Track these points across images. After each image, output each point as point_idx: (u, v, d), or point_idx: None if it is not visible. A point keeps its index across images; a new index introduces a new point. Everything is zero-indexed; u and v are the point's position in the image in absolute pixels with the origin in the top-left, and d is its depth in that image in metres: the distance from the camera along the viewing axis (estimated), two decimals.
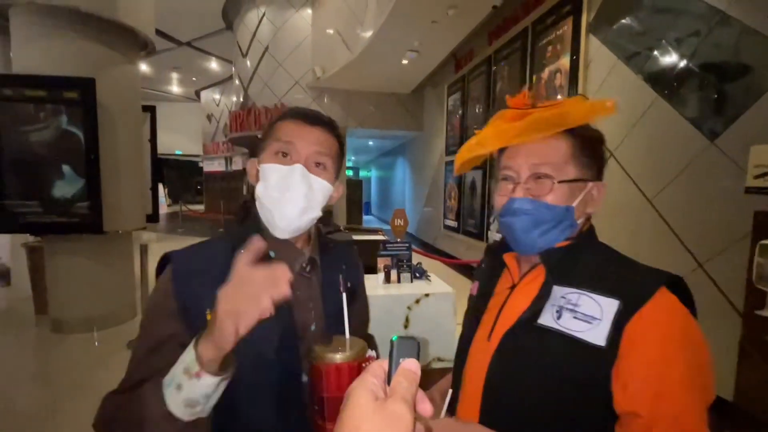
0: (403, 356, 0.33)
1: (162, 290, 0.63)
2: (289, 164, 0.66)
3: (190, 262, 0.65)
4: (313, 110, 0.73)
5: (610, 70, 3.10)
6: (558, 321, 0.59)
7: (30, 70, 3.15)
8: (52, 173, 3.15)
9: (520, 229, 0.64)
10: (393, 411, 0.29)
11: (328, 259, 0.77)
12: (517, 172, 0.66)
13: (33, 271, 3.86)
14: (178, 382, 0.51)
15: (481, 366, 0.65)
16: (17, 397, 2.58)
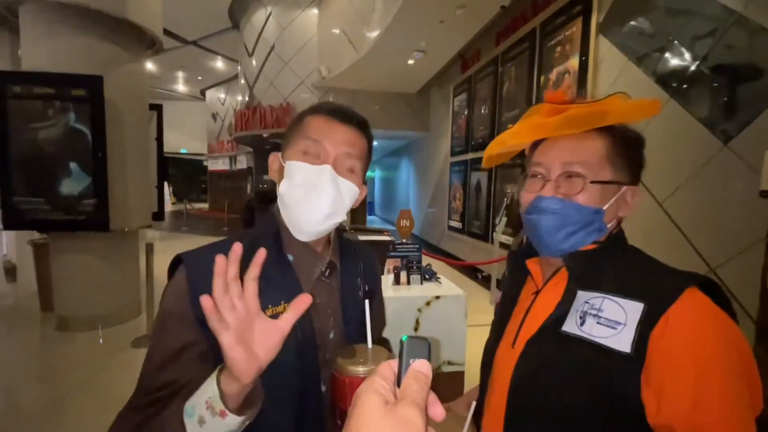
0: (414, 357, 0.31)
1: (177, 295, 0.59)
2: (318, 164, 0.63)
3: (205, 265, 0.59)
4: (345, 106, 0.68)
5: (620, 71, 3.06)
6: (581, 327, 0.56)
7: (39, 67, 3.16)
8: (60, 170, 3.16)
9: (545, 229, 0.61)
10: (403, 416, 0.27)
11: (347, 262, 0.74)
12: (548, 169, 0.63)
13: (39, 268, 3.87)
14: (200, 415, 0.48)
15: (506, 374, 0.63)
16: (22, 394, 2.59)
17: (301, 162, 0.63)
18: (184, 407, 0.49)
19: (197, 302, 0.56)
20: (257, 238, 0.64)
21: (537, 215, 0.62)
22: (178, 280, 0.60)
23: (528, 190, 0.66)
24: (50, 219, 3.19)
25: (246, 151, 13.15)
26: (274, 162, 0.69)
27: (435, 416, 0.30)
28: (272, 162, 0.69)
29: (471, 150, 5.97)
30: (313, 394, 0.64)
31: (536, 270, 0.68)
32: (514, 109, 4.69)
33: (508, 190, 4.77)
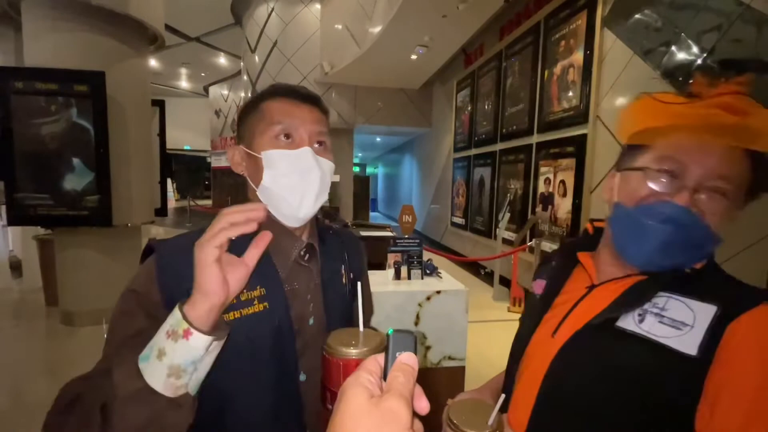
0: (400, 350, 0.31)
1: (145, 279, 0.57)
2: (293, 148, 0.62)
3: (173, 252, 0.59)
4: (300, 86, 0.67)
5: (625, 65, 3.03)
6: (640, 324, 0.52)
7: (41, 63, 3.16)
8: (63, 166, 3.17)
9: (658, 240, 0.52)
10: (389, 408, 0.27)
11: (328, 247, 0.73)
12: (687, 171, 0.52)
13: (43, 264, 3.90)
14: (161, 347, 0.44)
15: (541, 364, 0.60)
16: (27, 389, 2.61)
17: (279, 150, 0.61)
18: (138, 357, 0.46)
19: (165, 288, 0.56)
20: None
21: (659, 224, 0.52)
22: (148, 265, 0.59)
23: (648, 186, 0.54)
24: (54, 214, 3.21)
25: None
26: (235, 155, 0.67)
27: (420, 410, 0.30)
28: (232, 156, 0.67)
29: (474, 146, 5.94)
30: (291, 381, 0.62)
31: (590, 264, 0.64)
32: (517, 104, 4.65)
33: (512, 186, 4.75)
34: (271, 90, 0.66)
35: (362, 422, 0.27)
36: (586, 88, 3.37)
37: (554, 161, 3.85)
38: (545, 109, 4.04)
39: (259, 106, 0.65)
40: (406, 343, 0.31)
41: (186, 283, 0.52)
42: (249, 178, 0.66)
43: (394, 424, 0.27)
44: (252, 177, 0.65)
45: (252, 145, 0.64)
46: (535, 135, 4.23)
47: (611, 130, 3.18)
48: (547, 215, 3.96)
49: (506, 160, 4.93)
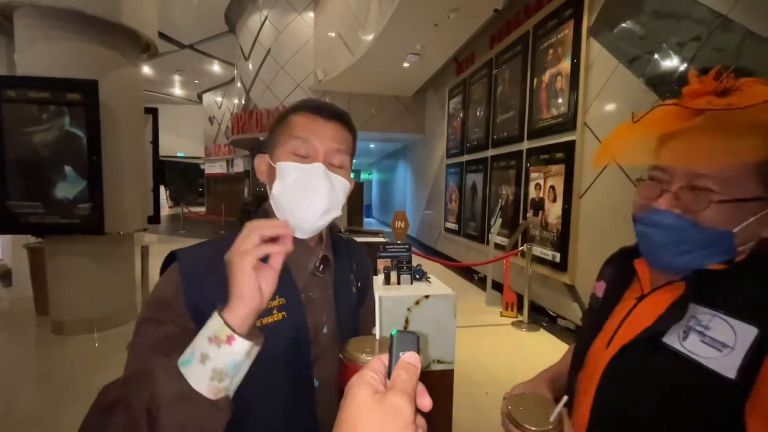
0: (403, 350, 0.33)
1: (170, 287, 0.59)
2: (308, 162, 0.63)
3: (197, 261, 0.62)
4: (327, 103, 0.69)
5: (611, 73, 3.10)
6: (683, 343, 0.52)
7: (34, 71, 3.16)
8: (55, 174, 3.16)
9: (655, 244, 0.56)
10: (392, 404, 0.29)
11: (340, 258, 0.75)
12: (671, 175, 0.55)
13: (34, 272, 3.86)
14: (203, 352, 0.46)
15: (596, 374, 0.60)
16: (18, 398, 2.58)
17: (293, 162, 0.63)
18: (178, 361, 0.47)
19: (190, 295, 0.58)
20: None
21: (645, 227, 0.57)
22: (172, 274, 0.61)
23: (641, 196, 0.58)
24: (45, 223, 3.19)
25: (243, 154, 13.16)
26: (261, 163, 0.69)
27: (423, 406, 0.31)
28: (259, 164, 0.69)
29: (466, 152, 6.01)
30: (306, 388, 0.65)
31: (644, 272, 0.63)
32: (508, 111, 4.73)
33: (503, 192, 4.81)
34: (299, 104, 0.68)
35: (367, 417, 0.28)
36: (574, 95, 3.44)
37: (544, 167, 3.91)
38: (535, 116, 4.11)
39: (287, 119, 0.67)
40: (409, 343, 0.33)
41: (211, 292, 0.55)
42: (268, 187, 0.67)
43: (398, 419, 0.28)
44: (270, 186, 0.67)
45: (273, 156, 0.66)
46: (526, 141, 4.30)
47: (598, 136, 3.24)
48: (537, 220, 4.01)
49: (498, 166, 4.99)
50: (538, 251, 3.93)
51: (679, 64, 2.58)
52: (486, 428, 2.21)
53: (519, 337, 3.57)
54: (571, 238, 3.48)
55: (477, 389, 2.61)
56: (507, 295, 4.08)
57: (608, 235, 3.08)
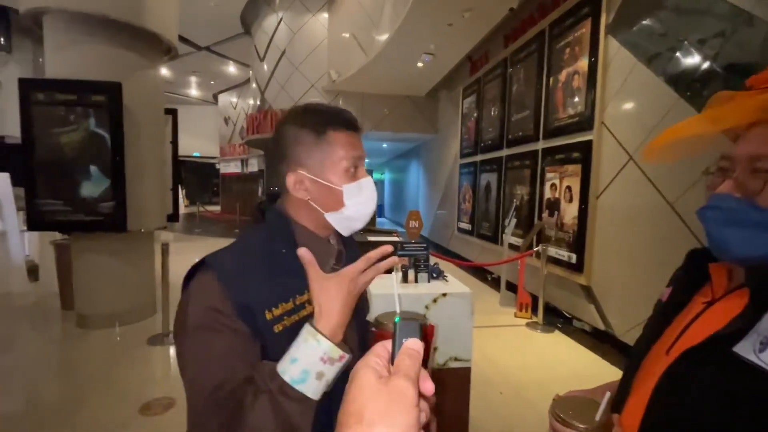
0: (406, 337, 0.34)
1: (212, 295, 0.59)
2: (359, 177, 0.71)
3: (231, 263, 0.63)
4: (349, 114, 0.73)
5: (629, 71, 3.06)
6: (759, 355, 0.48)
7: (61, 74, 3.28)
8: (80, 174, 3.28)
9: (710, 227, 0.54)
10: (396, 387, 0.30)
11: (349, 251, 0.80)
12: (735, 162, 0.54)
13: (60, 268, 4.00)
14: (318, 371, 0.54)
15: (651, 379, 0.58)
16: (44, 388, 2.68)
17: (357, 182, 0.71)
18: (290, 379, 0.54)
19: (233, 296, 0.59)
20: (272, 234, 0.69)
21: (706, 212, 0.55)
22: (208, 281, 0.61)
23: (708, 187, 0.58)
24: (71, 220, 3.31)
25: (257, 154, 13.34)
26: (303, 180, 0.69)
27: (426, 390, 0.32)
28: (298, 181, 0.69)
29: (480, 152, 5.98)
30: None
31: (719, 276, 0.59)
32: (523, 110, 4.69)
33: (518, 192, 4.77)
34: (334, 119, 0.69)
35: (372, 398, 0.30)
36: (592, 94, 3.40)
37: (560, 167, 3.87)
38: (551, 116, 4.07)
39: (326, 135, 0.68)
40: (412, 330, 0.34)
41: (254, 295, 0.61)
42: (313, 201, 0.69)
43: (403, 401, 0.29)
44: (318, 201, 0.69)
45: (322, 174, 0.68)
46: (541, 141, 4.27)
47: (616, 136, 3.20)
48: (553, 221, 3.97)
49: (512, 166, 4.96)
50: (554, 252, 3.89)
51: (701, 61, 2.53)
52: (500, 428, 2.21)
53: (533, 338, 3.55)
54: (587, 238, 3.44)
55: (491, 389, 2.60)
56: (521, 296, 4.05)
57: (626, 235, 3.04)
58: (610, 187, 3.26)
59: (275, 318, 0.62)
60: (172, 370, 2.96)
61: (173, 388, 2.55)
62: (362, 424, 0.28)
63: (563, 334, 3.60)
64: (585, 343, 3.36)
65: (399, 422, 0.28)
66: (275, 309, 0.62)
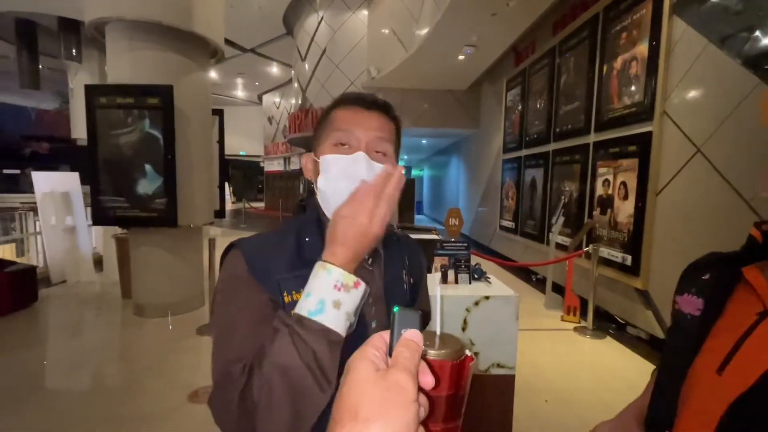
0: (405, 327, 0.32)
1: (239, 269, 0.61)
2: (350, 153, 0.63)
3: (257, 248, 0.64)
4: (367, 94, 0.69)
5: (698, 54, 2.76)
6: None
7: (121, 79, 3.52)
8: (137, 172, 3.51)
9: None
10: (395, 380, 0.28)
11: (391, 253, 0.73)
12: None
13: (120, 260, 4.33)
14: (335, 299, 0.50)
15: (713, 406, 0.52)
16: (106, 371, 2.91)
17: (335, 154, 0.64)
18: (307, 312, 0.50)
19: (256, 272, 0.60)
20: (301, 226, 0.67)
21: None
22: (234, 258, 0.63)
23: None
24: (129, 216, 3.55)
25: (299, 152, 13.70)
26: (307, 162, 0.70)
27: (425, 384, 0.30)
28: (305, 162, 0.70)
29: (525, 146, 5.72)
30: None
31: (760, 282, 0.54)
32: (572, 102, 4.41)
33: (566, 188, 4.50)
34: (340, 98, 0.69)
35: (369, 393, 0.28)
36: (652, 82, 3.11)
37: (614, 161, 3.59)
38: (604, 107, 3.79)
39: (329, 115, 0.68)
40: (411, 320, 0.32)
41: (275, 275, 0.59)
42: (314, 183, 0.68)
43: (401, 395, 0.27)
44: (315, 181, 0.68)
45: (317, 152, 0.68)
46: (593, 134, 3.98)
47: (681, 127, 2.90)
48: (605, 219, 3.70)
49: (560, 161, 4.68)
50: (606, 252, 3.63)
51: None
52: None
53: (582, 343, 3.33)
54: (645, 239, 3.16)
55: (536, 396, 2.47)
56: (569, 299, 3.82)
57: (690, 235, 2.75)
58: (673, 183, 2.97)
59: (293, 302, 0.59)
60: None
61: None
62: (357, 420, 0.27)
63: (616, 340, 3.35)
64: (641, 352, 3.11)
65: (396, 418, 0.26)
66: (295, 293, 0.60)
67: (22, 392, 2.50)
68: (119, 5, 3.37)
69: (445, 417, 0.50)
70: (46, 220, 4.88)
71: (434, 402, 0.48)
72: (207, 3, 3.75)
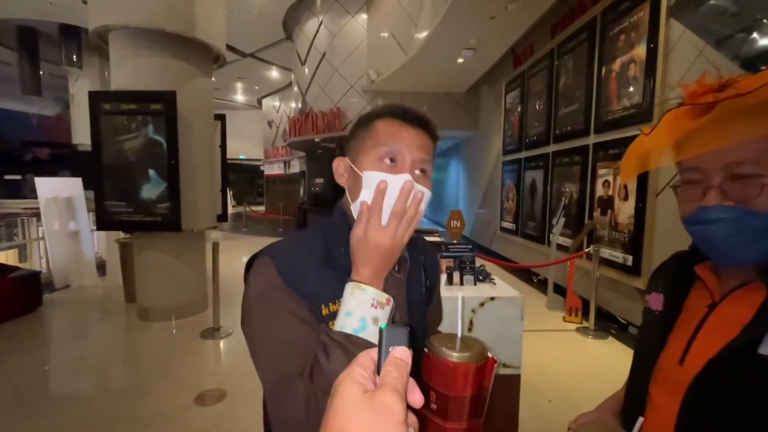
0: (393, 344, 0.31)
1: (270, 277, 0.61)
2: (396, 171, 0.62)
3: (288, 258, 0.63)
4: (413, 109, 0.67)
5: (696, 56, 2.79)
6: None
7: (125, 86, 3.55)
8: (141, 177, 3.53)
9: (719, 239, 0.52)
10: (382, 402, 0.27)
11: (413, 258, 0.75)
12: (707, 174, 0.53)
13: (124, 264, 4.35)
14: (374, 316, 0.56)
15: (674, 393, 0.57)
16: (111, 374, 2.93)
17: (382, 172, 0.61)
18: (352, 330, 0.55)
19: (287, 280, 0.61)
20: (329, 232, 0.67)
21: (702, 227, 0.54)
22: (266, 269, 0.62)
23: (684, 200, 0.57)
24: (133, 220, 3.58)
25: (299, 155, 13.72)
26: (340, 166, 0.69)
27: (414, 403, 0.30)
28: (338, 166, 0.69)
29: (525, 148, 5.75)
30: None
31: (710, 278, 0.59)
32: (572, 104, 4.44)
33: (566, 190, 4.53)
34: (387, 109, 0.67)
35: (356, 416, 0.27)
36: (650, 83, 3.15)
37: (614, 162, 3.62)
38: (603, 108, 3.82)
39: (371, 124, 0.66)
40: (399, 337, 0.32)
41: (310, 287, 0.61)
42: (348, 190, 0.68)
43: (389, 418, 0.27)
44: (351, 190, 0.66)
45: (356, 161, 0.65)
46: (592, 135, 4.01)
47: None
48: (606, 220, 3.73)
49: (560, 163, 4.71)
50: (607, 253, 3.65)
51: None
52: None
53: (584, 343, 3.35)
54: (645, 239, 3.19)
55: (540, 396, 2.49)
56: (571, 299, 3.84)
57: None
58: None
59: (331, 314, 0.60)
60: (223, 363, 3.11)
61: (225, 381, 2.67)
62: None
63: (618, 341, 3.37)
64: None
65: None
66: (332, 305, 0.61)
67: (29, 395, 2.52)
68: (123, 13, 3.40)
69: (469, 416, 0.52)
70: (49, 225, 4.90)
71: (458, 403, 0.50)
72: (209, 9, 3.78)
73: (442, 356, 0.50)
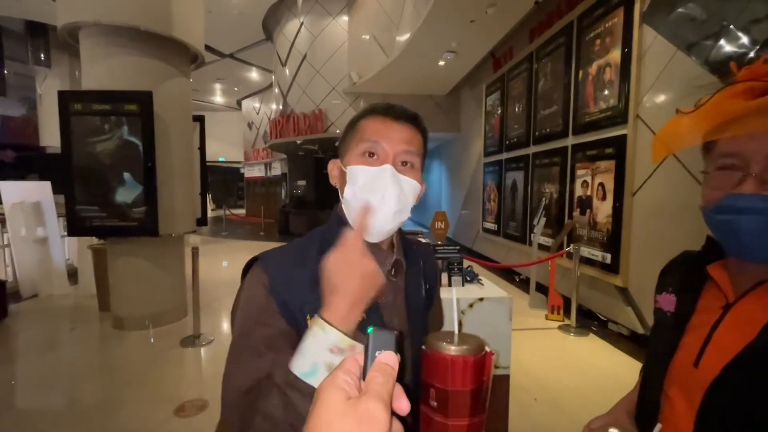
0: (380, 349, 0.30)
1: (258, 292, 0.62)
2: (377, 165, 0.63)
3: (281, 266, 0.64)
4: (398, 105, 0.68)
5: (668, 61, 2.90)
6: None
7: (97, 85, 3.41)
8: (115, 180, 3.39)
9: (748, 232, 0.50)
10: (366, 410, 0.26)
11: (411, 261, 0.74)
12: (746, 160, 0.50)
13: (97, 271, 4.17)
14: (329, 362, 0.49)
15: (690, 397, 0.56)
16: (83, 387, 2.78)
17: (362, 165, 0.64)
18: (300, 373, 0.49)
19: (278, 296, 0.60)
20: (325, 238, 0.66)
21: (734, 216, 0.51)
22: (257, 276, 0.63)
23: (715, 187, 0.54)
24: (107, 225, 3.43)
25: (280, 157, 13.54)
26: (333, 168, 0.70)
27: (400, 410, 0.29)
28: (332, 168, 0.71)
29: (506, 150, 5.84)
30: None
31: (723, 278, 0.58)
32: (550, 106, 4.55)
33: (546, 190, 4.62)
34: (370, 108, 0.68)
35: (337, 425, 0.26)
36: (625, 87, 3.25)
37: (592, 163, 3.72)
38: (581, 111, 3.93)
39: (357, 124, 0.68)
40: (386, 341, 0.31)
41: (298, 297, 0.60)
42: (340, 191, 0.68)
43: (372, 426, 0.26)
44: (341, 190, 0.67)
45: (344, 161, 0.67)
46: (571, 137, 4.12)
47: (654, 129, 3.04)
48: (585, 219, 3.82)
49: (540, 164, 4.81)
50: (586, 252, 3.74)
51: (750, 47, 2.36)
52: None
53: (567, 341, 3.41)
54: (623, 237, 3.28)
55: (525, 395, 2.51)
56: (553, 298, 3.91)
57: (666, 234, 2.88)
58: (648, 184, 3.10)
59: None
60: (205, 372, 3.01)
61: (206, 390, 2.59)
62: None
63: (599, 337, 3.45)
64: (623, 348, 3.21)
65: None
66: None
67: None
68: (94, 9, 3.27)
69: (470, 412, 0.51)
70: (15, 232, 4.66)
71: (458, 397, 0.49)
72: (186, 8, 3.68)
73: (440, 351, 0.50)
